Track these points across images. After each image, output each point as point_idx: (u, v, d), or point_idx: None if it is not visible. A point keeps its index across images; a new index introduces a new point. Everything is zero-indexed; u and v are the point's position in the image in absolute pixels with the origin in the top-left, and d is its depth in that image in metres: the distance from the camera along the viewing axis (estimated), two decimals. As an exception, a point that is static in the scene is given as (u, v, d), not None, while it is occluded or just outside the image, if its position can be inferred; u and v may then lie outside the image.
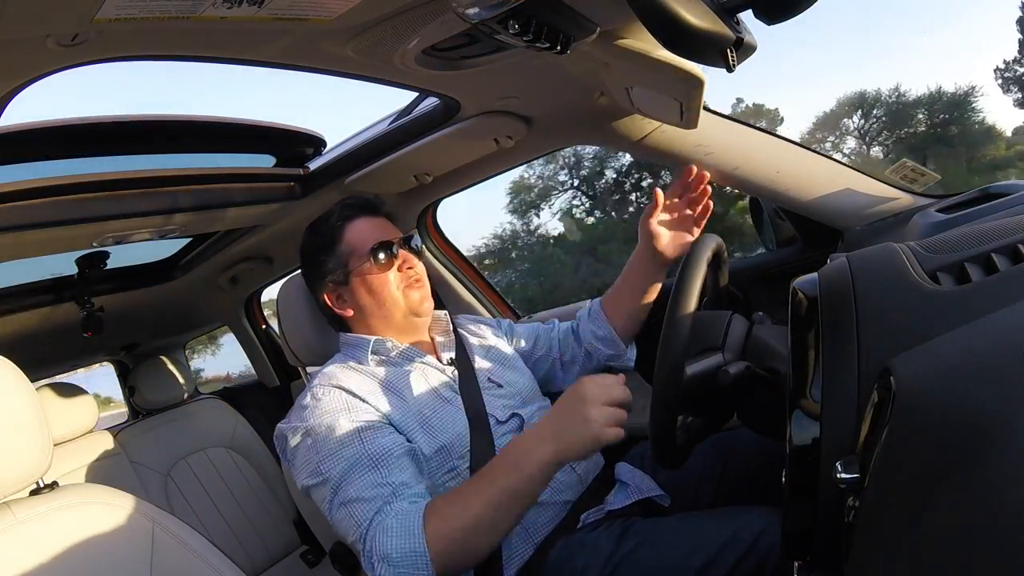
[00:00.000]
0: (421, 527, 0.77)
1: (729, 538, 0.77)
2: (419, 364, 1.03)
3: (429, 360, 1.05)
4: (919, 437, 0.34)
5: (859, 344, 0.45)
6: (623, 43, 0.80)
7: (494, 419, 0.99)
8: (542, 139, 1.23)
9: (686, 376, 0.76)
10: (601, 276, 6.83)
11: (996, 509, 0.27)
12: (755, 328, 0.86)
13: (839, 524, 0.42)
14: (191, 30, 0.67)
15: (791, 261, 1.27)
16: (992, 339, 0.36)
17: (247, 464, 1.88)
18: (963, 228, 0.52)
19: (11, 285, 1.45)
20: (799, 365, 0.51)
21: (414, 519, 0.78)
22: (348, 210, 1.07)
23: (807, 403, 0.48)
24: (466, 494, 0.80)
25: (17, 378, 0.74)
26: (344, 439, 0.87)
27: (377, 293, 1.03)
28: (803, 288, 0.54)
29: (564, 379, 1.20)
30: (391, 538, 0.77)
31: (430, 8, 0.70)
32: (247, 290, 1.96)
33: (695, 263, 0.82)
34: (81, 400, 1.64)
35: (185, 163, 1.16)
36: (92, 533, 0.75)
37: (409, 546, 0.76)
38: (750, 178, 1.14)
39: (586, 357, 1.18)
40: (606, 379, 0.79)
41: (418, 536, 0.77)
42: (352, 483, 0.83)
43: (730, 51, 0.63)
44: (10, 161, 0.94)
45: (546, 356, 1.20)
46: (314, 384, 0.96)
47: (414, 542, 0.76)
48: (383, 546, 0.77)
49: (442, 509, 0.79)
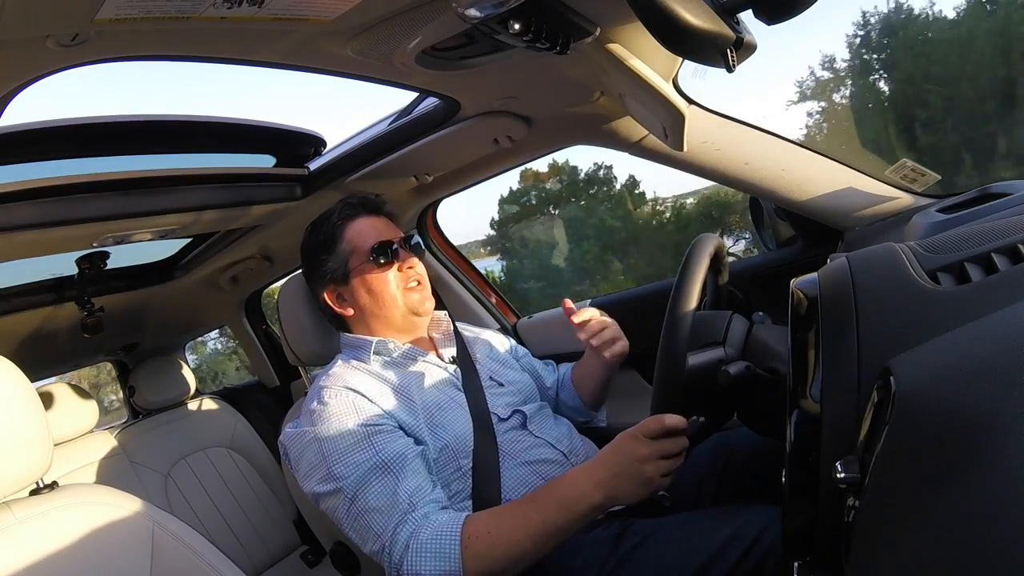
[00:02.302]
0: (458, 549, 0.77)
1: (729, 537, 0.77)
2: (422, 363, 1.04)
3: (432, 359, 1.05)
4: (919, 437, 0.34)
5: (859, 344, 0.45)
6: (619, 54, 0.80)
7: (496, 417, 0.99)
8: (542, 139, 1.23)
9: (688, 367, 0.75)
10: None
11: (996, 509, 0.27)
12: (755, 328, 0.86)
13: (839, 524, 0.42)
14: (191, 30, 0.67)
15: (791, 261, 1.27)
16: (992, 339, 0.36)
17: (247, 464, 1.88)
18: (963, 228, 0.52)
19: (11, 285, 1.45)
20: (799, 365, 0.51)
21: (450, 540, 0.78)
22: (348, 209, 1.07)
23: (807, 403, 0.48)
24: (511, 524, 0.79)
25: (17, 378, 0.74)
26: (356, 445, 0.86)
27: (377, 293, 1.03)
28: (803, 288, 0.54)
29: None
30: (425, 558, 0.77)
31: (430, 8, 0.70)
32: (247, 290, 1.96)
33: (695, 263, 0.82)
34: (81, 400, 1.64)
35: (185, 163, 1.16)
36: (92, 533, 0.75)
37: (446, 568, 0.76)
38: (752, 178, 1.14)
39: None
40: (661, 429, 0.75)
41: (455, 559, 0.77)
42: (368, 491, 0.83)
43: (730, 51, 0.63)
44: (10, 161, 0.94)
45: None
46: (321, 386, 0.96)
47: (452, 565, 0.77)
48: (416, 565, 0.77)
49: (483, 534, 0.78)
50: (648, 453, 0.74)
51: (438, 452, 0.92)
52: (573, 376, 1.20)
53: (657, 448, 0.75)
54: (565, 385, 1.21)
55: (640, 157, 1.21)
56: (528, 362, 1.22)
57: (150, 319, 1.89)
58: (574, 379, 1.20)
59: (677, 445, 0.76)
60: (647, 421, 0.75)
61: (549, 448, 0.99)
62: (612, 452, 0.78)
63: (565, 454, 0.99)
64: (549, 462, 0.97)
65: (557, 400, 1.21)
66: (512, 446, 0.97)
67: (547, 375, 1.22)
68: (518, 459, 0.96)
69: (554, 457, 0.98)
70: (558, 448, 0.99)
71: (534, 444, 0.99)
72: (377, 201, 1.11)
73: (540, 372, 1.22)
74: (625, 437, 0.78)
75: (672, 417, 0.74)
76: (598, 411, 1.21)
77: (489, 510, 0.84)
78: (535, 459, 0.97)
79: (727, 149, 1.11)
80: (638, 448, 0.75)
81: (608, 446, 0.80)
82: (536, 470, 0.95)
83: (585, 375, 1.17)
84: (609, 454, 0.79)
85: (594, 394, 1.17)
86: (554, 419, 1.07)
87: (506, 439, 0.98)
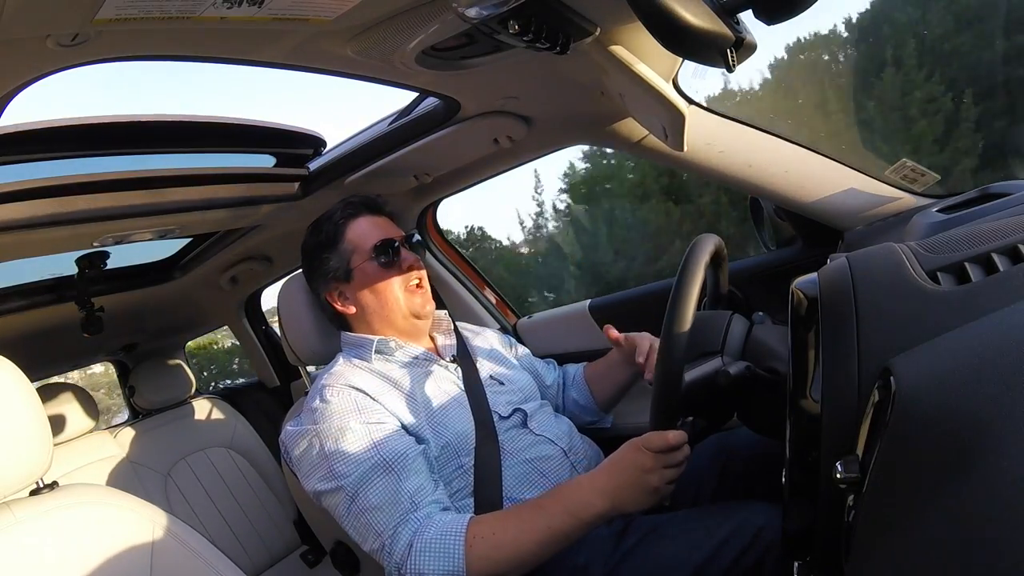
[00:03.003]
0: (463, 550, 0.77)
1: (729, 534, 0.77)
2: (424, 362, 1.04)
3: (433, 358, 1.05)
4: (919, 437, 0.34)
5: (859, 344, 0.45)
6: (619, 54, 0.80)
7: (497, 415, 1.00)
8: (542, 139, 1.23)
9: (684, 384, 0.76)
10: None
11: (996, 509, 0.27)
12: (755, 328, 0.86)
13: (839, 524, 0.42)
14: (191, 30, 0.67)
15: (791, 261, 1.27)
16: (992, 339, 0.36)
17: (247, 464, 1.88)
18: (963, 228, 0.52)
19: (11, 285, 1.45)
20: (799, 365, 0.51)
21: (454, 540, 0.78)
22: (350, 208, 1.07)
23: (807, 403, 0.48)
24: (516, 527, 0.79)
25: (17, 378, 0.74)
26: (357, 443, 0.86)
27: (379, 292, 1.03)
28: (803, 288, 0.54)
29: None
30: (429, 557, 0.77)
31: (430, 8, 0.70)
32: (247, 290, 1.96)
33: (695, 263, 0.82)
34: (81, 400, 1.64)
35: (185, 163, 1.16)
36: (92, 533, 0.75)
37: (449, 568, 0.77)
38: (752, 178, 1.14)
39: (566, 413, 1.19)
40: (665, 445, 0.76)
41: (459, 559, 0.77)
42: (369, 490, 0.83)
43: (730, 51, 0.63)
44: (10, 161, 0.94)
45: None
46: (323, 384, 0.96)
47: (455, 565, 0.77)
48: (419, 564, 0.77)
49: (487, 536, 0.79)
50: (653, 465, 0.76)
51: (440, 450, 0.92)
52: (588, 375, 1.20)
53: (661, 460, 0.76)
54: (577, 383, 1.21)
55: (640, 157, 1.21)
56: (528, 361, 1.22)
57: (150, 319, 1.89)
58: (589, 378, 1.20)
59: (681, 455, 0.77)
60: (651, 436, 0.76)
61: (550, 445, 0.99)
62: (618, 462, 0.79)
63: (565, 451, 0.99)
64: (549, 459, 0.97)
65: (564, 398, 1.21)
66: (513, 444, 0.98)
67: (547, 374, 1.22)
68: (519, 456, 0.96)
69: (554, 454, 0.98)
70: (558, 445, 0.99)
71: (535, 442, 0.99)
72: (379, 200, 1.12)
73: (540, 371, 1.22)
74: (630, 448, 0.78)
75: (676, 434, 0.75)
76: (608, 413, 1.22)
77: (494, 513, 0.84)
78: (536, 456, 0.97)
79: (727, 149, 1.11)
80: (643, 459, 0.76)
81: (613, 456, 0.81)
82: (537, 467, 0.96)
83: (606, 377, 1.17)
84: (615, 464, 0.80)
85: (611, 397, 1.18)
86: (554, 417, 1.07)
87: (507, 437, 0.98)
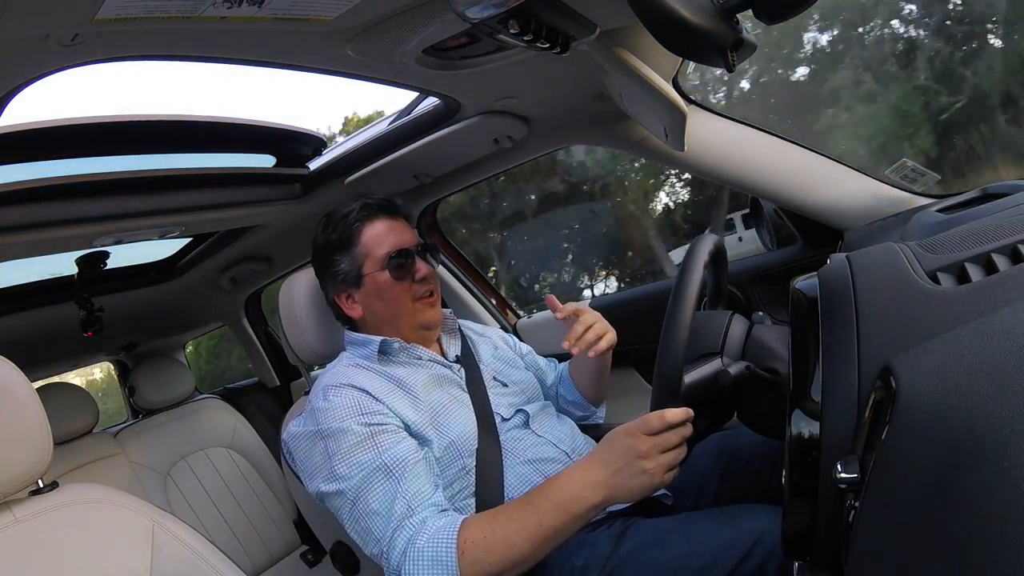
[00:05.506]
0: (455, 556, 0.76)
1: (729, 540, 0.76)
2: (427, 363, 1.04)
3: (436, 358, 1.05)
4: (919, 437, 0.34)
5: (859, 344, 0.45)
6: (619, 54, 0.80)
7: (499, 416, 1.00)
8: (542, 139, 1.23)
9: (684, 386, 0.75)
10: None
11: (997, 508, 0.27)
12: (755, 328, 0.86)
13: (839, 524, 0.42)
14: (191, 30, 0.67)
15: (791, 261, 1.27)
16: (992, 339, 0.36)
17: (247, 464, 1.88)
18: (963, 228, 0.52)
19: (11, 285, 1.45)
20: (799, 365, 0.51)
21: (445, 546, 0.77)
22: (366, 210, 1.05)
23: (807, 403, 0.48)
24: (507, 528, 0.77)
25: (17, 378, 0.74)
26: (360, 444, 0.86)
27: (389, 302, 1.03)
28: (803, 288, 0.54)
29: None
30: (422, 565, 0.76)
31: (430, 8, 0.70)
32: (247, 290, 1.96)
33: (695, 263, 0.82)
34: (81, 400, 1.64)
35: (185, 163, 1.16)
36: (92, 533, 0.75)
37: (443, 574, 0.76)
38: (752, 178, 1.14)
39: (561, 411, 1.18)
40: (663, 425, 0.73)
41: (452, 565, 0.76)
42: (370, 494, 0.83)
43: (730, 51, 0.63)
44: (10, 161, 0.94)
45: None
46: (326, 384, 0.95)
47: (448, 571, 0.76)
48: (413, 572, 0.77)
49: (479, 539, 0.77)
50: (648, 448, 0.72)
51: (442, 450, 0.92)
52: (571, 371, 1.20)
53: (657, 442, 0.72)
54: (564, 380, 1.21)
55: (640, 157, 1.21)
56: (532, 360, 1.22)
57: (150, 319, 1.89)
58: (572, 374, 1.20)
59: (678, 435, 0.73)
60: (647, 417, 0.73)
61: (551, 447, 0.99)
62: (608, 449, 0.77)
63: (567, 453, 0.99)
64: (551, 461, 0.97)
65: (557, 395, 1.21)
66: (515, 445, 0.97)
67: (550, 373, 1.23)
68: (521, 458, 0.96)
69: (556, 456, 0.98)
70: (560, 447, 0.99)
71: (537, 443, 0.99)
72: (397, 203, 1.09)
73: (543, 370, 1.22)
74: (621, 433, 0.75)
75: (673, 412, 0.72)
76: (598, 407, 1.21)
77: (485, 513, 0.83)
78: (537, 457, 0.97)
79: (727, 149, 1.12)
80: (637, 443, 0.73)
81: (602, 443, 0.78)
82: (539, 468, 0.96)
83: (579, 370, 1.18)
84: (605, 451, 0.77)
85: (592, 388, 1.17)
86: (557, 418, 1.07)
87: (509, 438, 0.98)
